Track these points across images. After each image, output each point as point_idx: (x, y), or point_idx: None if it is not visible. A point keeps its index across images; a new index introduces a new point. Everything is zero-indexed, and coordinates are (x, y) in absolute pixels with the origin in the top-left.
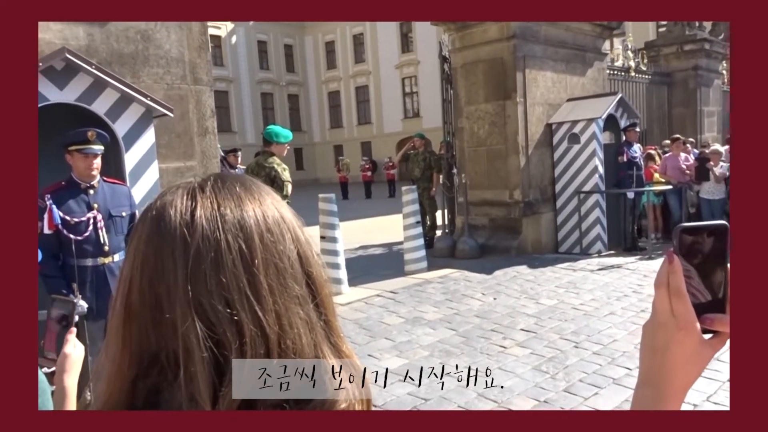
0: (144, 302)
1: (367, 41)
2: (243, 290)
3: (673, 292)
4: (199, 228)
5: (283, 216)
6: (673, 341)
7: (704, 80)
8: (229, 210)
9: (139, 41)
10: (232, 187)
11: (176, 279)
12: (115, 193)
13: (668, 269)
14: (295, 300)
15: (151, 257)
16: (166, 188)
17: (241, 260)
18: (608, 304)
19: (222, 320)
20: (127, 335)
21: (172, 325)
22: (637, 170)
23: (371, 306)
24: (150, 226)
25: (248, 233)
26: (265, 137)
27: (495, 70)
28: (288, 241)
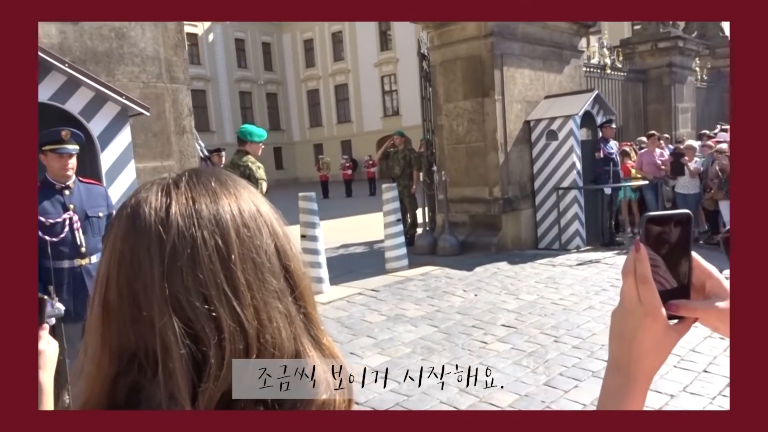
0: (122, 300)
1: (346, 39)
2: (220, 286)
3: (639, 279)
4: (174, 224)
5: (260, 210)
6: (641, 327)
7: (678, 77)
8: (204, 205)
9: (113, 39)
10: (207, 182)
11: (153, 276)
12: (92, 194)
13: (635, 258)
14: (273, 294)
15: (128, 255)
16: (141, 185)
17: (217, 256)
18: (587, 299)
19: (200, 316)
20: (106, 334)
21: (149, 323)
22: (613, 166)
23: (353, 304)
24: (125, 224)
25: (224, 228)
26: (239, 136)
27: (473, 68)
28: (265, 235)
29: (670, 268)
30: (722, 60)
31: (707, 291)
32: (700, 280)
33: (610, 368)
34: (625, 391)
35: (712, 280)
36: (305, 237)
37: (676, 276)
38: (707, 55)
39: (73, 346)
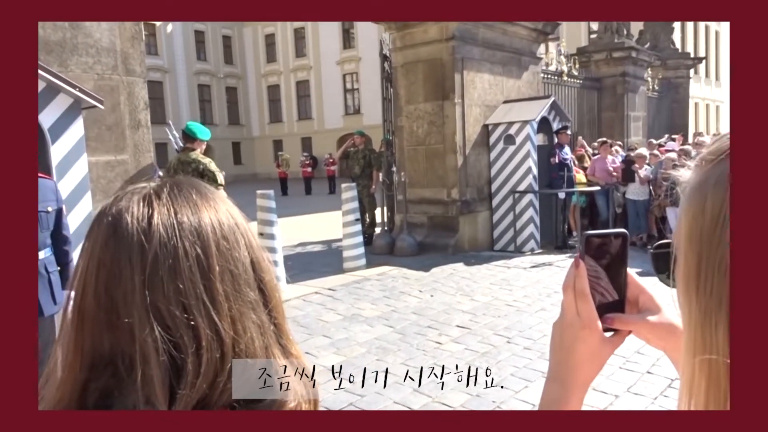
0: (99, 306)
1: (308, 36)
2: (200, 296)
3: (578, 294)
4: (156, 235)
5: (237, 223)
6: (578, 339)
7: (631, 86)
8: (186, 217)
9: (67, 29)
10: (189, 194)
11: (134, 285)
12: (40, 188)
13: (575, 273)
14: (248, 305)
15: (108, 262)
16: (119, 193)
17: (198, 267)
18: (539, 301)
19: (179, 325)
20: (80, 339)
21: (128, 330)
22: (568, 171)
23: (309, 303)
24: (106, 232)
25: (205, 240)
26: (187, 134)
27: (434, 71)
28: (242, 248)
29: (612, 281)
30: (673, 71)
31: (640, 305)
32: (633, 295)
33: (549, 378)
34: (562, 399)
35: (644, 295)
36: (263, 235)
37: (618, 288)
38: (659, 66)
39: None
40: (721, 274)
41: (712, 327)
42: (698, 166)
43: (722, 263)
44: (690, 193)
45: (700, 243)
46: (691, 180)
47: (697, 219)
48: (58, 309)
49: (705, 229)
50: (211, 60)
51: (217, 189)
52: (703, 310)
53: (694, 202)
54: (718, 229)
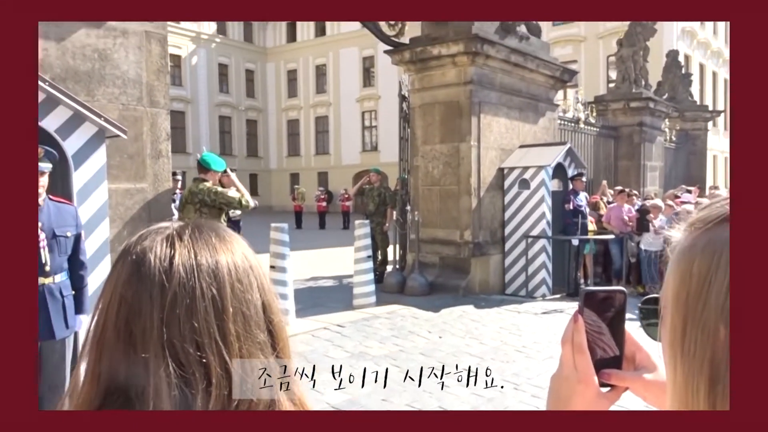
0: (118, 339)
1: (330, 73)
2: (213, 335)
3: (576, 348)
4: (176, 275)
5: (252, 266)
6: (574, 393)
7: (648, 136)
8: (204, 259)
9: (96, 60)
10: (209, 237)
11: (152, 321)
12: (61, 213)
13: (573, 328)
14: (257, 345)
15: (129, 299)
16: (144, 233)
17: (213, 307)
18: (549, 348)
19: (192, 362)
20: (97, 369)
21: (144, 364)
22: (582, 218)
23: (317, 339)
24: (129, 269)
25: (221, 282)
26: (201, 164)
27: (451, 113)
28: (255, 291)
29: (614, 336)
30: (690, 123)
31: (637, 362)
32: (630, 352)
33: None
34: None
35: (641, 353)
36: (274, 268)
37: (619, 344)
38: (677, 117)
39: None
40: (704, 338)
41: (694, 389)
42: (688, 231)
43: (706, 327)
44: (678, 255)
45: (686, 306)
46: (680, 243)
47: (684, 281)
48: (70, 333)
49: (691, 293)
50: (233, 92)
51: (244, 208)
52: (686, 372)
53: (682, 264)
54: (704, 293)
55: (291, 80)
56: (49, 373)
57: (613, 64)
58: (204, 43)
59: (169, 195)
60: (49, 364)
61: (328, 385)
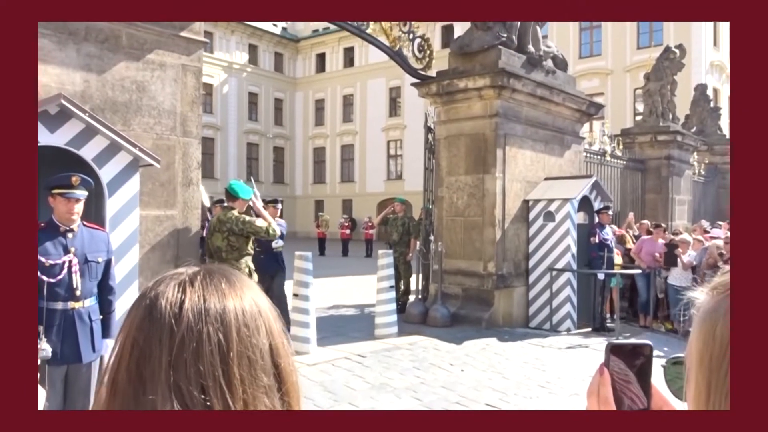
0: (130, 381)
1: (357, 102)
2: (217, 379)
3: (601, 401)
4: (185, 320)
5: (261, 311)
6: None
7: (676, 170)
8: (213, 304)
9: (133, 91)
10: (219, 283)
11: (161, 364)
12: (94, 239)
13: (599, 381)
14: (262, 389)
15: (141, 342)
16: (161, 277)
17: (218, 351)
18: (573, 384)
19: (196, 405)
20: (111, 408)
21: (152, 405)
22: (608, 252)
23: (337, 368)
24: (142, 313)
25: (227, 327)
26: (229, 192)
27: (477, 145)
28: (262, 335)
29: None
30: (720, 156)
31: None
32: (657, 406)
33: None
34: None
35: (668, 407)
36: (297, 296)
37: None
38: (705, 150)
39: (53, 388)
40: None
41: None
42: (711, 293)
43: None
44: (702, 318)
45: (710, 369)
46: (703, 305)
47: (707, 344)
48: (96, 357)
49: (714, 356)
50: (261, 120)
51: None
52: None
53: (705, 328)
54: (727, 356)
55: (318, 109)
56: (74, 397)
57: (639, 97)
58: (235, 73)
59: (197, 223)
60: (74, 388)
61: None
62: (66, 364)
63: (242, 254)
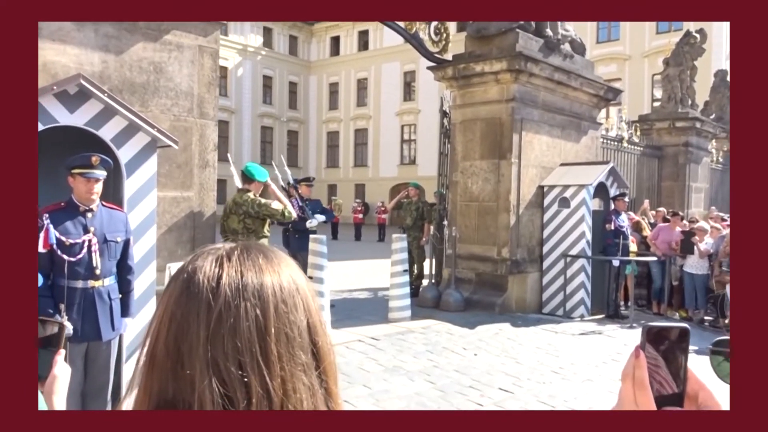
0: (168, 355)
1: (371, 86)
2: (255, 355)
3: (637, 384)
4: (222, 295)
5: (299, 287)
6: None
7: (694, 157)
8: (250, 280)
9: (151, 72)
10: (256, 258)
11: (198, 339)
12: (112, 219)
13: (634, 363)
14: (300, 367)
15: (178, 316)
16: (198, 252)
17: (256, 327)
18: (586, 370)
19: (234, 381)
20: (149, 383)
21: (190, 380)
22: (623, 239)
23: (351, 351)
24: (181, 287)
25: (265, 303)
26: (246, 175)
27: (492, 130)
28: (300, 312)
29: (672, 373)
30: None
31: (699, 401)
32: (693, 390)
33: None
34: None
35: (704, 392)
36: (312, 278)
37: (677, 380)
38: (724, 138)
39: (73, 365)
40: None
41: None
42: None
43: None
44: None
45: None
46: None
47: None
48: (116, 335)
49: None
50: (276, 104)
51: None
52: None
53: None
54: None
55: (332, 93)
56: (94, 375)
57: (658, 82)
58: (250, 56)
59: (213, 204)
60: (94, 366)
61: (362, 399)
62: (86, 342)
63: (259, 236)
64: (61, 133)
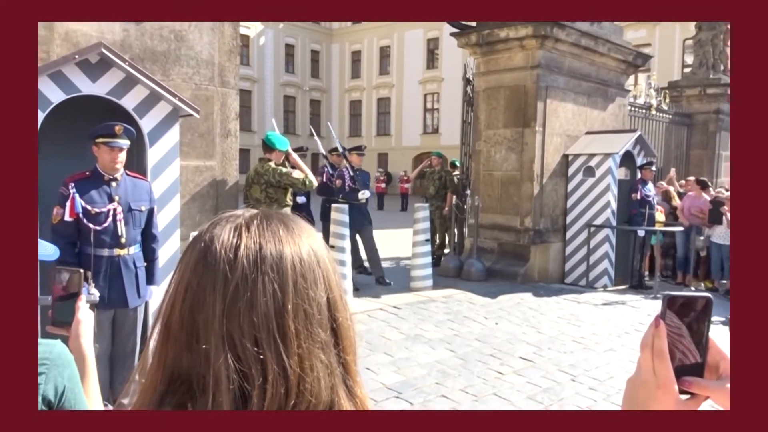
0: (182, 327)
1: (394, 54)
2: (272, 332)
3: (656, 353)
4: (239, 267)
5: (320, 260)
6: (652, 398)
7: (724, 125)
8: (269, 252)
9: (172, 41)
10: (276, 228)
11: (214, 312)
12: (137, 188)
13: (653, 333)
14: (318, 345)
15: (195, 286)
16: (217, 218)
17: (273, 303)
18: (608, 340)
19: (249, 358)
20: (163, 353)
21: (205, 355)
22: (649, 209)
23: (373, 319)
24: (197, 256)
25: (283, 277)
26: (265, 143)
27: (517, 97)
28: (320, 288)
29: (695, 341)
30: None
31: (720, 372)
32: (714, 360)
33: None
34: None
35: (725, 362)
36: (334, 247)
37: (699, 349)
38: None
39: (102, 331)
40: None
41: None
42: None
43: None
44: None
45: None
46: None
47: None
48: (141, 302)
49: None
50: (298, 73)
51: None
52: None
53: None
54: None
55: (355, 61)
56: (122, 340)
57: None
58: (272, 24)
59: (235, 173)
60: (122, 332)
61: (383, 366)
62: (113, 309)
63: (282, 205)
64: (83, 103)
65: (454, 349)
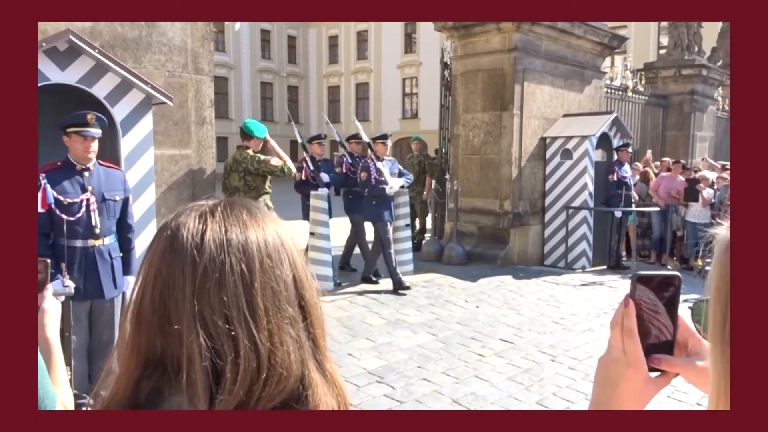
0: (154, 311)
1: (371, 39)
2: (241, 309)
3: (625, 332)
4: (207, 250)
5: (284, 242)
6: (623, 377)
7: (699, 105)
8: (234, 235)
9: (143, 27)
10: (240, 213)
11: (184, 294)
12: (110, 177)
13: (623, 312)
14: (287, 320)
15: (164, 272)
16: (182, 208)
17: (241, 282)
18: (587, 320)
19: (221, 334)
20: (136, 339)
21: (178, 335)
22: (626, 190)
23: (354, 305)
24: (164, 244)
25: (250, 257)
26: (244, 131)
27: (494, 81)
28: (285, 267)
29: (661, 322)
30: None
31: (689, 349)
32: (683, 338)
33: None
34: None
35: (693, 339)
36: (314, 234)
37: (666, 330)
38: None
39: (78, 323)
40: None
41: None
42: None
43: None
44: (719, 252)
45: (726, 301)
46: (721, 240)
47: (724, 278)
48: (118, 293)
49: None
50: (275, 59)
51: (286, 174)
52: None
53: (722, 261)
54: None
55: (332, 46)
56: (99, 331)
57: (664, 29)
58: None
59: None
60: (99, 323)
61: (365, 352)
62: (90, 300)
63: (260, 193)
64: (55, 94)
65: (436, 333)
